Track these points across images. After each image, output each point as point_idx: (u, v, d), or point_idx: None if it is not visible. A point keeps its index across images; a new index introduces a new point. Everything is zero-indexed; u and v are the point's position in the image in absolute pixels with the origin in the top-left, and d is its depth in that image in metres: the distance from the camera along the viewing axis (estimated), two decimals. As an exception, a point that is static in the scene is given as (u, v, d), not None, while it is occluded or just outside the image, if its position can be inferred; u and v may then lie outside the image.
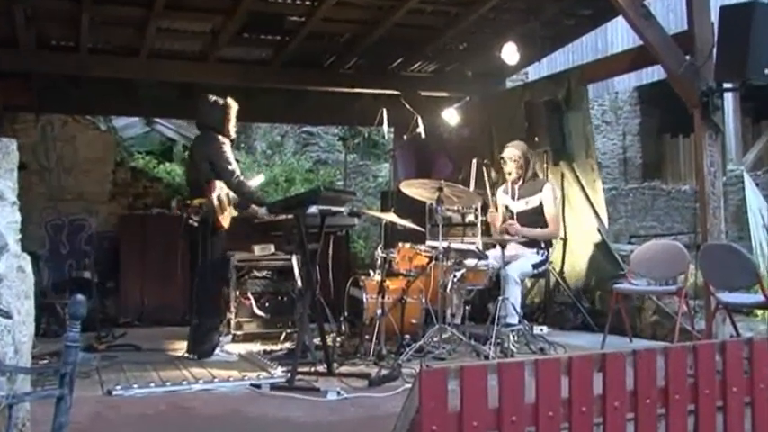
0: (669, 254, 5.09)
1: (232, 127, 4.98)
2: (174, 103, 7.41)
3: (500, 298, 4.78)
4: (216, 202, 4.71)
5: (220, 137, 4.85)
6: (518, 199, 5.35)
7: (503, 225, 5.22)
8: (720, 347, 2.39)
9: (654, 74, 9.62)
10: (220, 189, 4.79)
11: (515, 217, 5.30)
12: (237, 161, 5.17)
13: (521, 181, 5.35)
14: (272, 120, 10.34)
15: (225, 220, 4.79)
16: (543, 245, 5.25)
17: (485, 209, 5.67)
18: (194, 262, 4.85)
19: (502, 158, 5.40)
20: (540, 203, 5.26)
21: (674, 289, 4.98)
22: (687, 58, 4.77)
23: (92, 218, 7.16)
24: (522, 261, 5.11)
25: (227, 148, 4.86)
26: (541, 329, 5.51)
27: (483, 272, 5.04)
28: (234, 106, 4.95)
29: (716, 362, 2.38)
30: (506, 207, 5.40)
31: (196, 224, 4.72)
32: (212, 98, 4.94)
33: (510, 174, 5.34)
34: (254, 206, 4.91)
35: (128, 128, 10.13)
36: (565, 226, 6.03)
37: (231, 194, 4.87)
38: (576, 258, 6.17)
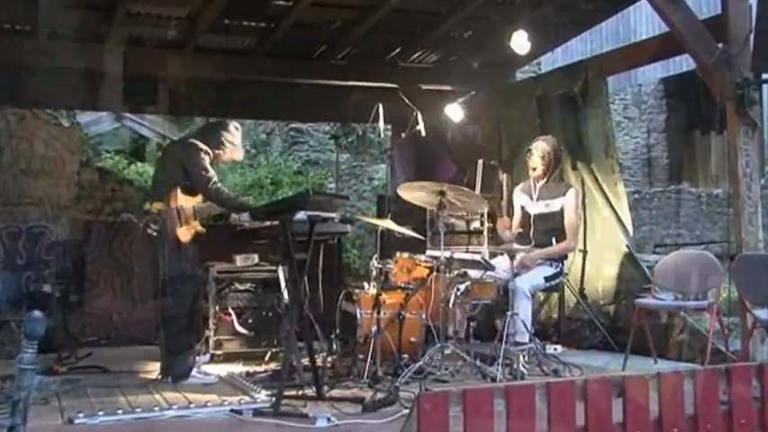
0: (699, 265, 5.09)
1: (227, 153, 4.97)
2: (149, 96, 7.40)
3: (508, 314, 4.76)
4: (175, 213, 4.71)
5: (205, 147, 4.84)
6: (538, 200, 5.37)
7: (521, 258, 5.08)
8: (758, 371, 2.39)
9: (682, 64, 9.63)
10: (184, 200, 4.79)
11: (532, 220, 5.31)
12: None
13: (545, 179, 5.36)
14: (256, 116, 10.32)
15: (185, 234, 4.77)
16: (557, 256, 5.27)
17: (492, 215, 5.68)
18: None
19: (528, 151, 5.40)
20: (561, 209, 5.28)
21: (704, 305, 4.98)
22: (720, 45, 4.79)
23: (53, 225, 7.14)
24: (534, 273, 5.12)
25: (207, 158, 4.85)
26: (555, 349, 5.52)
27: (489, 285, 5.05)
28: (236, 134, 5.00)
29: (753, 387, 2.37)
30: (523, 208, 5.41)
31: (155, 234, 4.71)
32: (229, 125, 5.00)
33: (534, 169, 5.35)
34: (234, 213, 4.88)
35: (94, 124, 10.12)
36: (585, 235, 6.03)
37: (199, 207, 4.87)
38: (597, 271, 6.17)
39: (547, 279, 5.19)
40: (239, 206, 4.90)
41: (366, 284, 5.22)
